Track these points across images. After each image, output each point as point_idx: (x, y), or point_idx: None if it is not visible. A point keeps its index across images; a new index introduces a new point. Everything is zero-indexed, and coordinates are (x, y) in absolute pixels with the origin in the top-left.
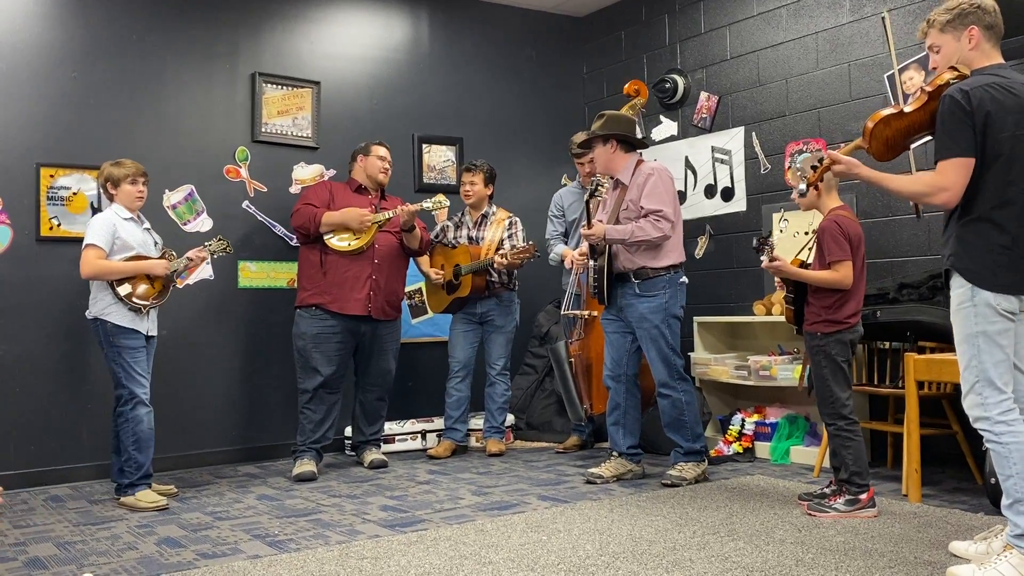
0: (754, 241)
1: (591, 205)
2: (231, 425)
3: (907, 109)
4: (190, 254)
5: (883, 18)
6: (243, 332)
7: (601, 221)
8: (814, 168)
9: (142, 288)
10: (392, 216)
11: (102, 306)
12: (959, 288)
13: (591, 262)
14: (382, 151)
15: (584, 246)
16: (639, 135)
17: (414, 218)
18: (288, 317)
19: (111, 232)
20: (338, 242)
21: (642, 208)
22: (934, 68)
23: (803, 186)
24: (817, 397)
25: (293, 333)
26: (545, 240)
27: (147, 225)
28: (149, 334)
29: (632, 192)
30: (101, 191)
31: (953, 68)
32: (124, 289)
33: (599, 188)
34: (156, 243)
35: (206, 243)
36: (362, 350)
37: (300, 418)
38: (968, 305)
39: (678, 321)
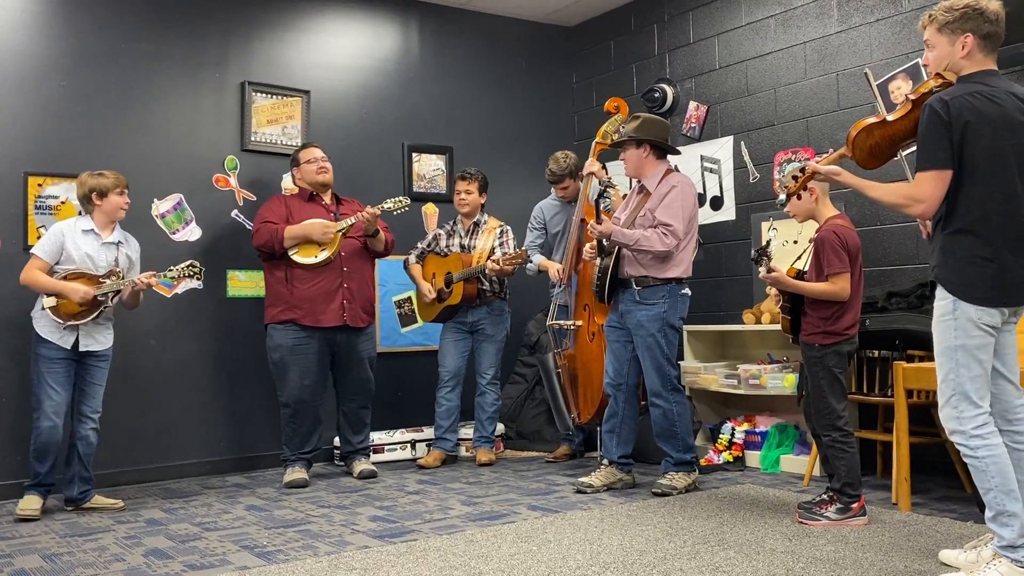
0: (752, 252)
1: (599, 206)
2: (219, 435)
3: (890, 118)
4: (136, 278)
5: (866, 74)
6: (231, 341)
7: (618, 218)
8: (795, 178)
9: (65, 305)
10: (354, 222)
11: (34, 312)
12: (942, 300)
13: (597, 259)
14: (309, 154)
15: (594, 240)
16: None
17: (376, 221)
18: None
19: (58, 246)
20: (304, 258)
21: (655, 218)
22: (925, 65)
23: (783, 196)
24: (812, 408)
25: (268, 347)
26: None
27: (114, 240)
28: (89, 349)
29: (653, 201)
30: (80, 202)
31: (939, 75)
32: (49, 301)
33: (608, 190)
34: (117, 260)
35: (171, 267)
36: (338, 361)
37: (286, 431)
38: (949, 318)
39: (676, 332)
